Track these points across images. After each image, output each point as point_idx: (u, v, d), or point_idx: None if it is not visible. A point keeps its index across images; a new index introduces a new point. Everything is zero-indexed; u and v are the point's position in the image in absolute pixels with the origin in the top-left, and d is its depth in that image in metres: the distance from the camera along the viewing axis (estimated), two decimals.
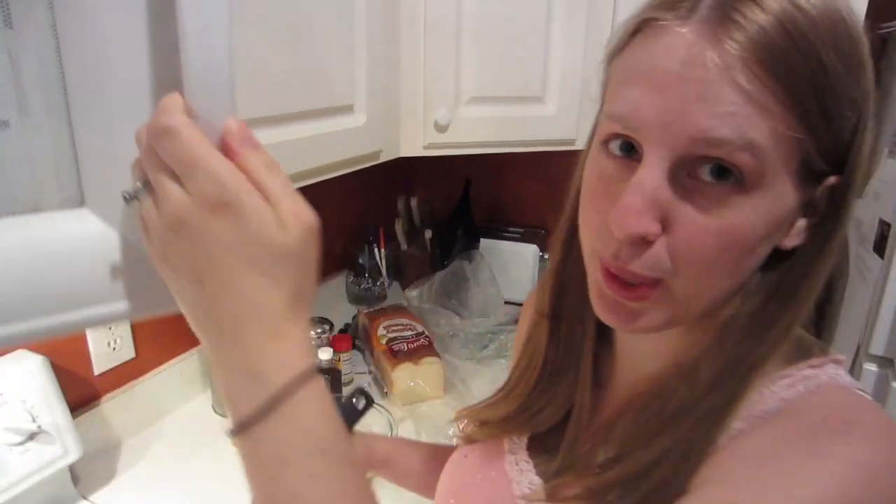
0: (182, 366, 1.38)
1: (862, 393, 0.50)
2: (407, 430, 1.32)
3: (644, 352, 0.59)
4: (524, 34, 1.33)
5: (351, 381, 1.46)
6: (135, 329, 1.27)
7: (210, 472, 1.18)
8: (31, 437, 0.98)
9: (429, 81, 1.29)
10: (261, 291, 0.40)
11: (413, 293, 1.72)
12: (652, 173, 0.44)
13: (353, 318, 1.73)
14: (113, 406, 1.24)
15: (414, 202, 1.97)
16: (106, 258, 0.45)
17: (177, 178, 0.39)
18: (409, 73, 1.28)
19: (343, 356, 1.43)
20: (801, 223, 0.48)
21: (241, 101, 0.89)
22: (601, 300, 0.51)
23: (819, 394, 0.49)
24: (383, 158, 1.29)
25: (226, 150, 0.41)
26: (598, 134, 0.51)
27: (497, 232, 1.93)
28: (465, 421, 0.74)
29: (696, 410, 0.50)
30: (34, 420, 0.98)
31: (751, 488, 0.43)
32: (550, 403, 0.64)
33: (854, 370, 1.10)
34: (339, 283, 1.89)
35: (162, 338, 1.34)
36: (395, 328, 1.51)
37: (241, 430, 0.41)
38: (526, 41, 1.35)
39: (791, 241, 0.48)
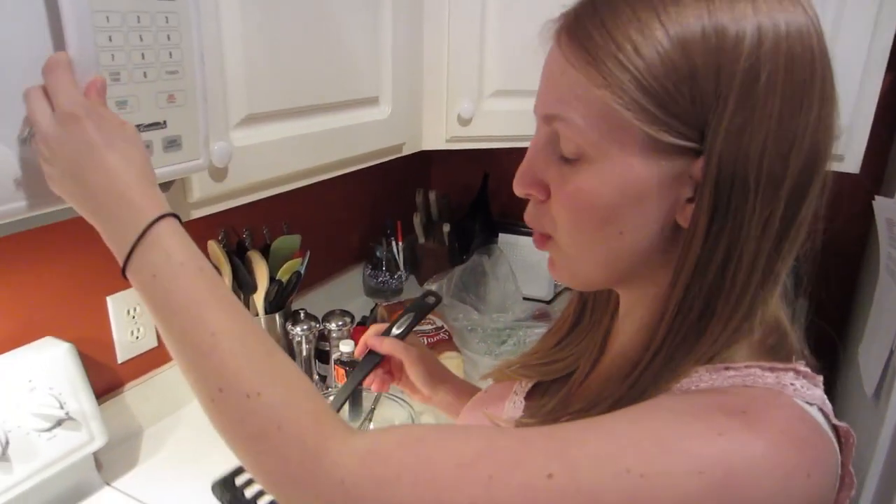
0: None
1: (806, 406, 0.49)
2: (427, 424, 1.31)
3: (622, 326, 0.64)
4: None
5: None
6: None
7: (229, 461, 1.18)
8: (59, 423, 0.99)
9: (452, 74, 1.28)
10: (117, 164, 0.54)
11: (432, 287, 1.72)
12: (531, 146, 0.56)
13: (372, 310, 1.73)
14: (135, 394, 1.25)
15: (432, 196, 1.97)
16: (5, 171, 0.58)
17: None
18: (433, 66, 1.28)
19: None
20: (683, 195, 0.50)
21: (267, 92, 0.89)
22: None
23: (750, 388, 0.50)
24: (406, 151, 1.29)
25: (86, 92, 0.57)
26: None
27: (515, 227, 1.92)
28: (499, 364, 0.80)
29: (634, 386, 0.54)
30: (62, 407, 0.98)
31: (614, 431, 0.47)
32: (562, 359, 0.71)
33: (887, 373, 1.09)
34: (356, 276, 1.90)
35: None
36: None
37: (127, 260, 0.55)
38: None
39: (682, 219, 0.51)
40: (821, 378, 0.53)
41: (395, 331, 0.91)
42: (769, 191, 0.48)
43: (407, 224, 1.90)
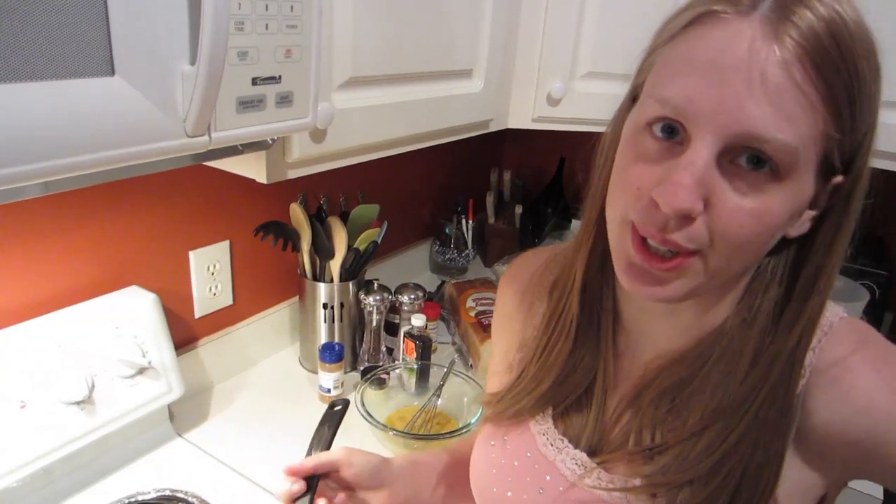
0: (274, 317, 1.40)
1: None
2: None
3: (658, 329, 0.63)
4: (649, 11, 1.27)
5: (435, 350, 1.45)
6: (235, 277, 1.29)
7: (293, 421, 1.20)
8: (141, 371, 1.00)
9: (546, 52, 1.25)
10: None
11: (502, 268, 1.70)
12: (701, 156, 0.48)
13: (438, 287, 1.72)
14: (209, 350, 1.27)
15: (507, 176, 1.94)
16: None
17: None
18: (528, 43, 1.24)
19: (430, 325, 1.42)
20: (808, 214, 0.52)
21: (371, 56, 0.88)
22: (629, 269, 0.55)
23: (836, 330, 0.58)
24: (492, 128, 1.27)
25: None
26: (638, 114, 0.53)
27: None
28: (489, 407, 0.74)
29: (744, 401, 0.55)
30: (144, 355, 1.00)
31: None
32: (575, 370, 0.66)
33: None
34: (423, 251, 1.89)
35: (259, 288, 1.36)
36: (485, 301, 1.49)
37: None
38: (651, 18, 1.29)
39: (795, 230, 0.53)
40: None
41: (315, 450, 0.78)
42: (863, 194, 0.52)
43: (478, 203, 1.88)
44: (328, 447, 0.79)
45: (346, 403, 0.85)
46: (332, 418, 0.83)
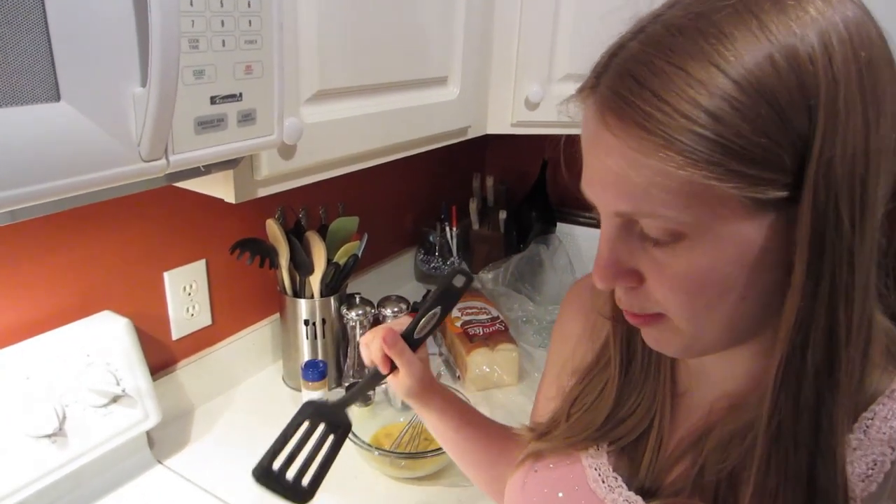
0: (255, 336, 1.37)
1: None
2: None
3: (720, 370, 0.59)
4: (624, 10, 1.26)
5: None
6: (213, 297, 1.26)
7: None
8: (115, 399, 0.97)
9: (522, 56, 1.23)
10: None
11: (488, 276, 1.67)
12: (604, 238, 0.50)
13: (424, 297, 1.70)
14: (188, 372, 1.23)
15: (489, 181, 1.92)
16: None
17: None
18: (504, 47, 1.22)
19: None
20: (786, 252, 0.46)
21: (339, 67, 0.86)
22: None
23: None
24: (470, 135, 1.25)
25: None
26: None
27: (573, 217, 1.86)
28: (535, 441, 0.70)
29: (801, 436, 0.49)
30: (118, 383, 0.97)
31: None
32: (634, 412, 0.63)
33: None
34: (407, 260, 1.86)
35: (238, 307, 1.33)
36: (470, 311, 1.47)
37: None
38: (622, 17, 1.27)
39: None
40: None
41: (418, 334, 0.78)
42: (868, 214, 0.43)
43: (462, 210, 1.85)
44: (432, 333, 0.79)
45: (469, 277, 0.77)
46: (449, 298, 0.76)
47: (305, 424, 0.75)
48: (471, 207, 1.87)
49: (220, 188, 0.80)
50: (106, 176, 0.55)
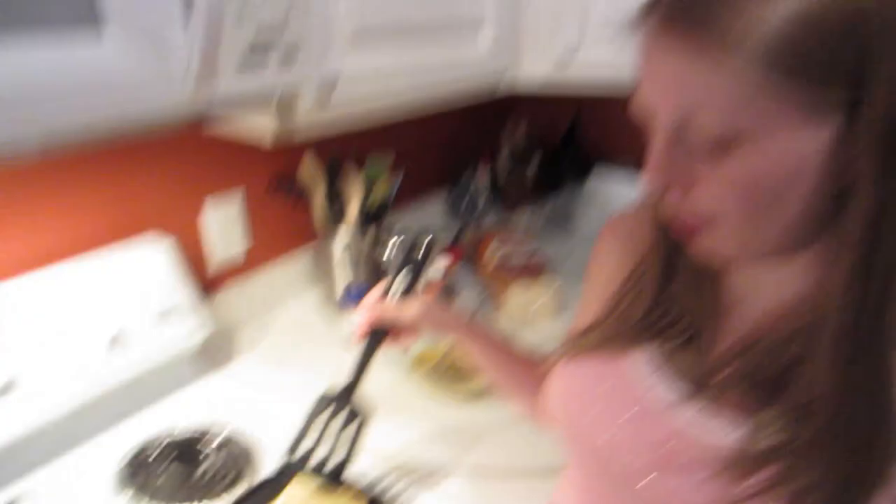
0: (292, 263, 1.43)
1: None
2: None
3: (772, 281, 0.59)
4: None
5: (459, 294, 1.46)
6: (253, 222, 1.32)
7: (316, 360, 1.24)
8: (168, 313, 1.04)
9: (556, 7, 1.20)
10: None
11: (523, 216, 1.68)
12: (656, 145, 0.52)
13: (459, 231, 1.71)
14: (227, 297, 1.31)
15: (522, 128, 1.90)
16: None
17: None
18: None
19: (451, 269, 1.43)
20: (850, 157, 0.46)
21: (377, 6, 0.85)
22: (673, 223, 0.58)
23: None
24: (500, 94, 1.27)
25: None
26: None
27: (606, 165, 1.84)
28: (574, 340, 0.71)
29: (863, 339, 0.49)
30: (170, 297, 1.03)
31: None
32: (677, 322, 0.64)
33: None
34: (438, 201, 1.89)
35: (276, 235, 1.39)
36: (507, 246, 1.48)
37: None
38: None
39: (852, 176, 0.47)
40: None
41: (395, 292, 0.84)
42: None
43: (495, 152, 1.86)
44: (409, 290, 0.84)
45: (432, 240, 0.85)
46: (417, 258, 0.83)
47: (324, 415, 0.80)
48: (503, 150, 1.87)
49: (257, 133, 0.83)
50: (150, 109, 0.58)
